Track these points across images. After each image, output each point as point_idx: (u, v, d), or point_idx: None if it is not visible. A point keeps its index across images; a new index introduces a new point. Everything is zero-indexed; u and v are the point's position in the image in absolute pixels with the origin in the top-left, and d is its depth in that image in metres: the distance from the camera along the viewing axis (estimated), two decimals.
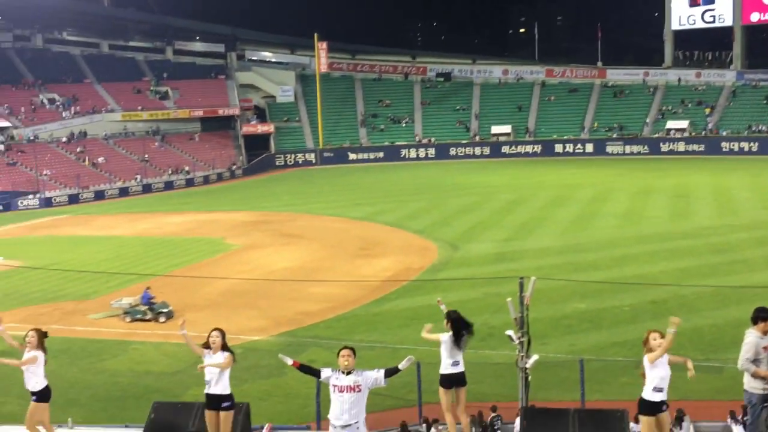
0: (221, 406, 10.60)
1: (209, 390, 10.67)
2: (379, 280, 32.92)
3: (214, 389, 10.62)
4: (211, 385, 10.62)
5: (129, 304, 29.00)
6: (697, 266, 33.02)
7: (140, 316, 28.56)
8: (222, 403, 10.60)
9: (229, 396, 10.67)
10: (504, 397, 18.13)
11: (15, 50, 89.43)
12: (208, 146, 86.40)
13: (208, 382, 10.65)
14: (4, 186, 66.58)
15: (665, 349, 9.86)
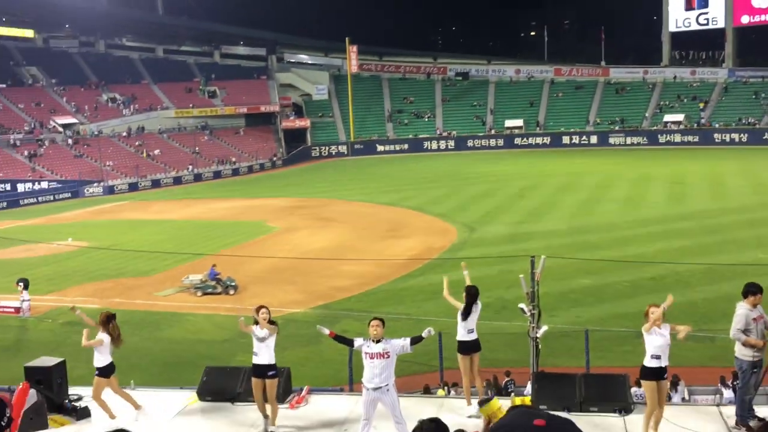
0: (267, 374, 10.70)
1: (256, 360, 10.77)
2: (405, 258, 32.96)
3: (260, 360, 10.72)
4: (258, 356, 10.73)
5: (200, 280, 29.18)
6: (692, 246, 32.73)
7: (210, 290, 28.86)
8: (267, 372, 10.70)
9: (273, 366, 10.77)
10: (517, 363, 18.10)
11: (81, 55, 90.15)
12: (251, 139, 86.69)
13: (255, 354, 10.75)
14: (72, 175, 67.25)
15: (653, 321, 9.78)
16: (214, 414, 11.55)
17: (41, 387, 11.06)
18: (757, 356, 10.29)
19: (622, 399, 10.95)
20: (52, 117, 76.73)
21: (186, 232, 42.99)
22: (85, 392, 12.32)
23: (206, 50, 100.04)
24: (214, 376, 12.26)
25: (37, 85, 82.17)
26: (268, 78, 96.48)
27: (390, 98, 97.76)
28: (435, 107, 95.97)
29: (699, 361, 19.44)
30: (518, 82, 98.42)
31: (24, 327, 26.21)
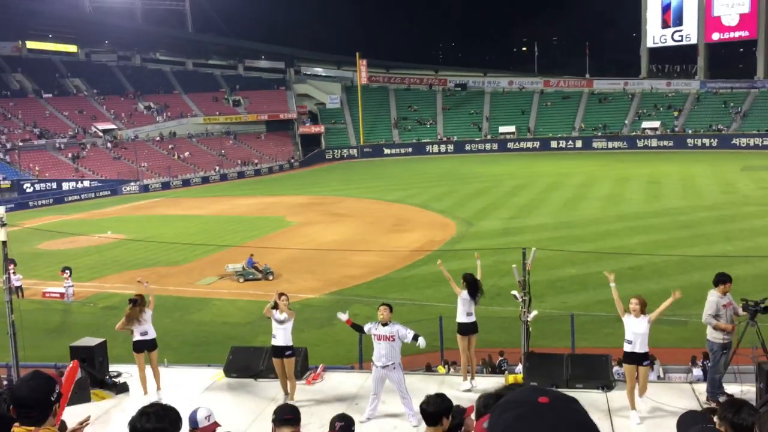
0: (284, 354, 10.74)
1: (275, 342, 10.80)
2: (409, 250, 32.91)
3: (279, 342, 10.76)
4: (277, 338, 10.77)
5: (243, 267, 29.30)
6: (666, 239, 32.60)
7: (252, 277, 29.00)
8: (285, 352, 10.74)
9: (291, 347, 10.80)
10: (509, 344, 18.09)
11: (119, 68, 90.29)
12: (271, 143, 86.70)
13: (274, 336, 10.80)
14: (111, 175, 67.40)
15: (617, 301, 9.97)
16: (238, 389, 11.58)
17: (84, 364, 11.10)
18: (726, 339, 10.28)
19: (605, 377, 10.94)
20: (93, 123, 76.87)
21: (213, 226, 43.00)
22: (124, 369, 12.37)
23: (231, 64, 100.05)
24: (239, 355, 12.29)
25: (80, 94, 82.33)
26: (287, 89, 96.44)
27: (396, 107, 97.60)
28: (436, 115, 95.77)
29: (674, 342, 19.39)
30: (511, 93, 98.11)
31: (68, 310, 26.28)
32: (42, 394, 3.42)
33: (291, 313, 10.80)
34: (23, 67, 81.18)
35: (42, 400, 3.40)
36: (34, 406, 3.40)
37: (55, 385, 3.47)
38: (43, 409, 3.41)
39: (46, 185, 62.11)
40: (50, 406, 3.42)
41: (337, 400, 10.91)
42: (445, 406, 5.48)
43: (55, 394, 3.44)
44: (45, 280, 29.35)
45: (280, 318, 10.76)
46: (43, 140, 70.46)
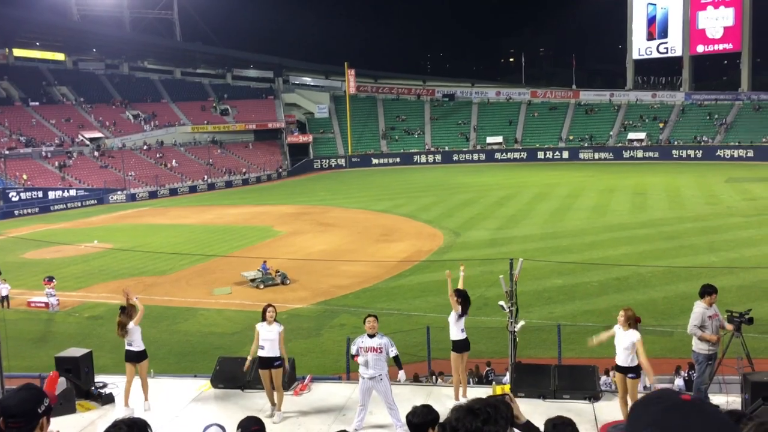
0: (273, 365, 10.69)
1: (263, 354, 10.73)
2: (397, 260, 32.92)
3: (266, 353, 10.70)
4: (265, 349, 10.70)
5: (261, 273, 29.39)
6: (652, 250, 32.77)
7: (271, 282, 29.10)
8: (274, 363, 10.69)
9: (279, 357, 10.74)
10: (496, 354, 18.12)
11: (106, 76, 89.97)
12: (259, 153, 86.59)
13: (262, 348, 10.71)
14: (98, 184, 67.00)
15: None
16: (226, 400, 11.51)
17: (70, 375, 11.00)
18: (712, 350, 10.33)
19: (592, 388, 10.97)
20: (80, 132, 76.47)
21: (201, 236, 42.82)
22: (110, 380, 12.27)
23: (219, 73, 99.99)
24: (226, 365, 12.21)
25: (67, 103, 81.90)
26: (275, 98, 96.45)
27: (384, 117, 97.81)
28: (424, 125, 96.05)
29: (659, 352, 19.44)
30: (498, 103, 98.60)
31: (53, 320, 26.04)
32: (30, 405, 3.49)
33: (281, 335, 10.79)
34: (9, 74, 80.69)
35: (29, 411, 3.48)
36: (20, 416, 3.44)
37: (44, 398, 3.55)
38: (29, 420, 3.46)
39: (32, 194, 61.61)
40: (37, 418, 3.48)
41: (325, 411, 10.87)
42: (431, 417, 5.47)
43: (43, 406, 3.50)
44: (30, 289, 29.09)
45: (269, 337, 10.72)
46: (30, 149, 69.97)
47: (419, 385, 14.26)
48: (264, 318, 10.79)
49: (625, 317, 9.87)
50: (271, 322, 10.71)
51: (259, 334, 10.70)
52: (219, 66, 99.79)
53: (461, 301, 11.30)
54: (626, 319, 9.85)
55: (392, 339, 10.44)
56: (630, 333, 9.82)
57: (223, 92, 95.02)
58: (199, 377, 13.20)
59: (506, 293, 12.29)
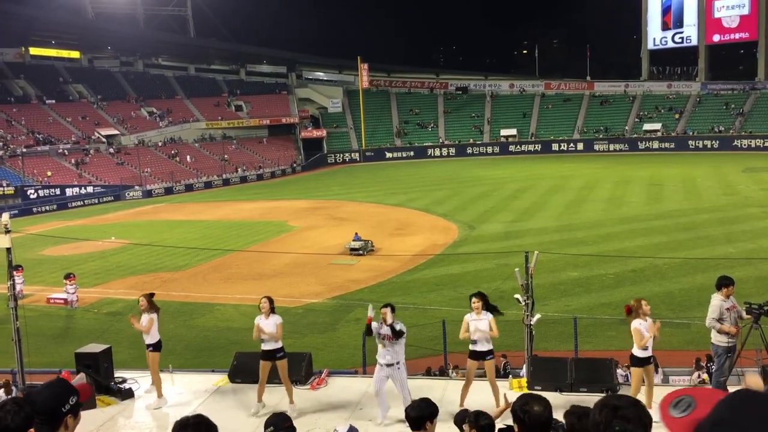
0: (276, 356, 10.68)
1: (265, 347, 10.71)
2: (411, 254, 32.90)
3: (268, 346, 10.68)
4: (266, 342, 10.69)
5: (361, 242, 33.33)
6: (668, 242, 32.56)
7: (361, 252, 32.87)
8: (276, 354, 10.68)
9: (281, 348, 10.74)
10: (512, 347, 18.05)
11: (122, 73, 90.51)
12: (273, 148, 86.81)
13: (263, 341, 10.70)
14: (115, 181, 67.49)
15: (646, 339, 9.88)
16: (243, 394, 11.57)
17: (90, 371, 11.11)
18: (731, 342, 10.26)
19: (609, 381, 10.92)
20: (96, 129, 77.02)
21: (216, 231, 43.01)
22: (129, 375, 12.38)
23: (233, 68, 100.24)
24: (243, 360, 12.28)
25: (83, 100, 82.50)
26: (288, 93, 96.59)
27: (397, 110, 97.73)
28: (437, 118, 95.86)
29: (676, 345, 19.34)
30: (512, 96, 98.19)
31: (72, 316, 26.29)
32: (54, 402, 3.44)
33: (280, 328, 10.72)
34: (26, 73, 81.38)
35: (53, 410, 3.42)
36: (43, 414, 3.41)
37: (70, 397, 3.48)
38: (52, 418, 3.42)
39: (49, 191, 62.18)
40: (61, 417, 3.44)
41: (342, 406, 10.90)
42: (428, 411, 5.49)
43: (68, 405, 3.45)
44: (49, 286, 29.36)
45: (267, 329, 10.68)
46: (47, 146, 70.58)
47: (438, 379, 14.25)
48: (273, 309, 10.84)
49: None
50: (268, 314, 10.70)
51: (259, 326, 10.68)
52: (232, 62, 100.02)
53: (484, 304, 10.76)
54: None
55: (408, 333, 10.42)
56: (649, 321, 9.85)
57: (237, 88, 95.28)
58: (216, 372, 13.28)
59: (522, 286, 12.25)
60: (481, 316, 10.47)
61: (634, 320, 9.80)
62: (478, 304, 10.42)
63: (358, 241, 33.81)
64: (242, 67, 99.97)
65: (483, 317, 10.48)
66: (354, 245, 33.55)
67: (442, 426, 8.95)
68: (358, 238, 34.11)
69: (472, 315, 10.50)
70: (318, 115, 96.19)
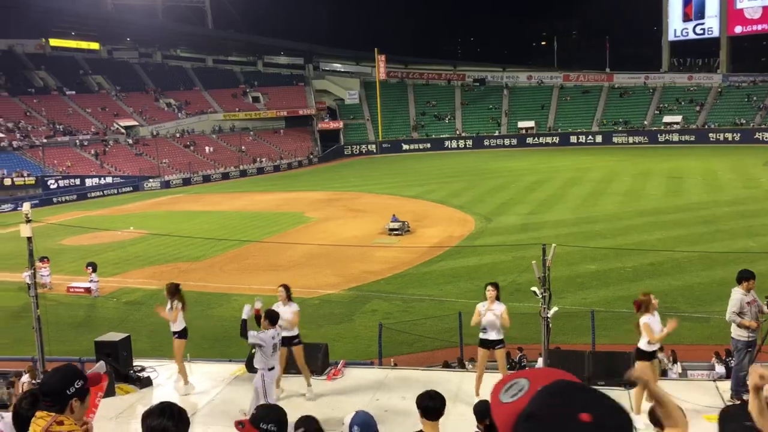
0: (292, 342, 10.84)
1: (282, 334, 10.87)
2: (428, 246, 32.87)
3: (285, 333, 10.83)
4: (283, 329, 10.84)
5: (400, 222, 35.64)
6: (688, 235, 32.26)
7: (400, 232, 35.19)
8: (293, 341, 10.84)
9: (297, 335, 10.91)
10: (528, 340, 17.98)
11: (140, 65, 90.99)
12: (290, 139, 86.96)
13: (279, 326, 10.86)
14: (134, 171, 67.97)
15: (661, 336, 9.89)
16: None
17: (109, 359, 11.22)
18: (751, 336, 10.17)
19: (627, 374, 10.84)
20: (115, 120, 77.58)
21: (234, 222, 43.20)
22: (147, 364, 12.49)
23: (251, 60, 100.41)
24: None
25: (102, 91, 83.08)
26: (305, 84, 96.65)
27: (414, 102, 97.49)
28: (455, 110, 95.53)
29: (695, 339, 19.20)
30: (530, 87, 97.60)
31: (92, 305, 26.57)
32: (59, 386, 3.59)
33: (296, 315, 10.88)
34: (46, 64, 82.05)
35: (58, 391, 3.58)
36: (49, 396, 3.58)
37: (75, 381, 3.61)
38: (57, 400, 3.57)
39: (69, 181, 62.78)
40: (65, 399, 3.55)
41: (358, 396, 10.93)
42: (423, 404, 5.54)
43: (73, 388, 3.57)
44: (69, 275, 29.68)
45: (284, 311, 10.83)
46: (67, 137, 71.21)
47: (454, 371, 14.25)
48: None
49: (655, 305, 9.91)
50: (285, 301, 10.84)
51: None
52: (250, 53, 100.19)
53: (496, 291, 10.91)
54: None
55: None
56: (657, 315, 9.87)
57: (255, 79, 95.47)
58: (233, 362, 13.37)
59: (539, 279, 12.18)
60: (494, 306, 10.59)
61: (644, 315, 9.79)
62: (493, 294, 10.58)
63: (397, 222, 35.82)
64: (260, 59, 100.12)
65: (495, 307, 10.60)
66: (393, 226, 35.73)
67: (460, 418, 8.94)
68: (396, 219, 36.08)
69: (485, 304, 10.63)
70: (335, 107, 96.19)
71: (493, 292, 10.65)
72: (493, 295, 10.60)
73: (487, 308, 10.53)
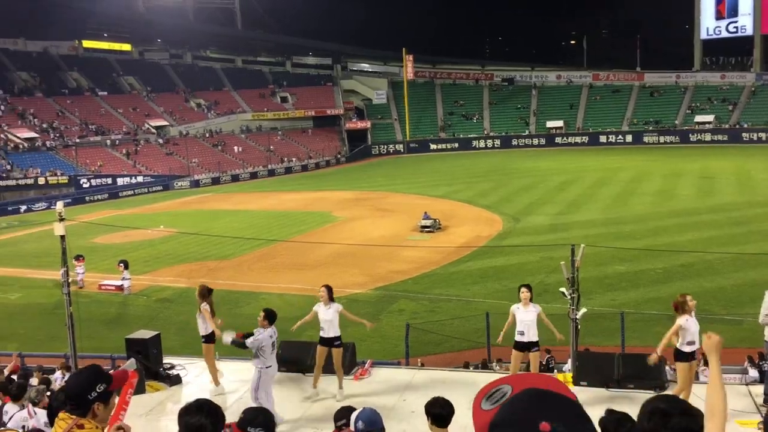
0: (333, 344, 10.85)
1: (324, 334, 10.90)
2: (455, 246, 32.76)
3: (326, 334, 10.86)
4: (325, 330, 10.87)
5: (430, 221, 35.92)
6: (720, 236, 31.71)
7: (432, 230, 35.59)
8: (334, 342, 10.85)
9: (339, 337, 10.90)
10: (556, 342, 17.82)
11: (171, 65, 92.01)
12: (318, 139, 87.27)
13: (322, 329, 10.88)
14: (164, 171, 68.74)
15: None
16: (288, 383, 11.71)
17: (140, 356, 11.36)
18: None
19: (658, 377, 10.71)
20: (146, 120, 78.56)
21: (262, 221, 43.47)
22: (177, 361, 12.62)
23: (279, 60, 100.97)
24: (289, 349, 12.41)
25: (134, 92, 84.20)
26: (333, 84, 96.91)
27: (442, 102, 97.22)
28: (482, 110, 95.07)
29: (727, 342, 18.73)
30: (559, 87, 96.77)
31: (123, 302, 26.93)
32: (80, 389, 3.50)
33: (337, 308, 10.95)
34: (80, 65, 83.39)
35: (79, 396, 3.48)
36: (71, 399, 3.51)
37: (98, 384, 3.48)
38: (79, 403, 3.47)
39: (101, 181, 63.73)
40: (88, 403, 3.46)
41: (385, 396, 10.93)
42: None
43: (95, 393, 3.45)
44: (101, 273, 30.11)
45: (326, 317, 10.87)
46: (99, 137, 72.29)
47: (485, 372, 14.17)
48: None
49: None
50: (327, 302, 10.84)
51: (317, 314, 10.87)
52: (279, 54, 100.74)
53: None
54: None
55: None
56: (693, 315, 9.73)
57: (283, 80, 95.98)
58: None
59: (567, 280, 12.08)
60: (529, 308, 10.56)
61: (681, 317, 9.66)
62: (527, 295, 10.56)
63: (428, 220, 36.13)
64: (288, 59, 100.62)
65: (531, 309, 10.58)
66: (425, 223, 36.06)
67: None
68: (427, 216, 36.46)
69: (520, 306, 10.60)
70: (362, 107, 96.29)
71: (528, 293, 10.65)
72: (527, 296, 10.58)
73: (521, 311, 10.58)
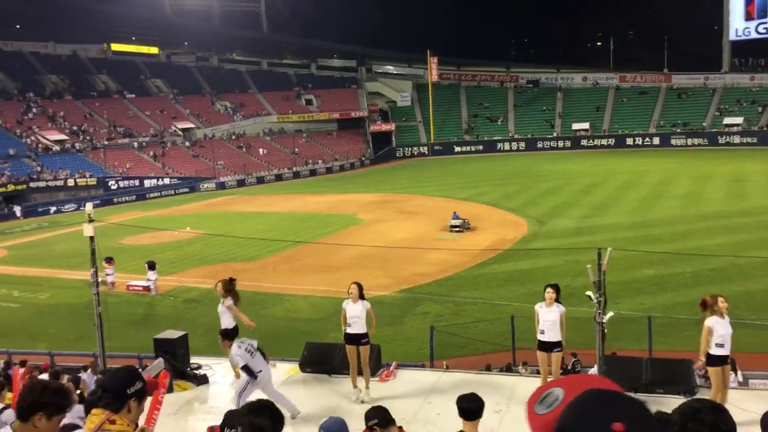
0: (360, 341, 10.87)
1: (350, 330, 10.90)
2: (480, 248, 32.63)
3: (354, 330, 10.88)
4: (352, 327, 10.88)
5: (459, 220, 36.39)
6: (750, 240, 31.25)
7: (461, 229, 36.06)
8: (361, 340, 10.87)
9: (366, 334, 10.91)
10: (582, 345, 17.64)
11: (197, 68, 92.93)
12: (343, 141, 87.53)
13: (349, 325, 10.89)
14: (190, 173, 69.40)
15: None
16: (313, 384, 11.75)
17: (167, 356, 11.48)
18: None
19: (687, 382, 10.58)
20: (173, 122, 79.41)
21: (286, 223, 43.65)
22: (204, 361, 12.73)
23: (304, 63, 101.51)
24: (314, 350, 12.46)
25: (161, 95, 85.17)
26: (358, 87, 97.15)
27: (467, 104, 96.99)
28: (507, 112, 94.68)
29: (757, 347, 18.58)
30: (585, 89, 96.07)
31: (151, 303, 27.22)
32: (121, 384, 3.70)
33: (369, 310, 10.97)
34: (108, 68, 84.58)
35: (119, 390, 3.67)
36: (110, 392, 3.68)
37: (135, 381, 3.71)
38: (117, 398, 3.66)
39: (129, 182, 64.52)
40: (125, 399, 3.65)
41: (411, 398, 10.92)
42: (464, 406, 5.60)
43: (134, 389, 3.65)
44: (129, 273, 30.47)
45: (353, 313, 10.90)
46: (127, 139, 73.21)
47: (509, 375, 14.11)
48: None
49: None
50: (356, 299, 10.86)
51: (345, 311, 10.90)
52: (304, 56, 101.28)
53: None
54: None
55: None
56: (726, 317, 9.57)
57: (308, 82, 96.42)
58: (286, 361, 13.51)
59: (594, 284, 11.97)
60: (552, 308, 10.57)
61: (709, 317, 9.53)
62: (552, 295, 10.55)
63: (458, 219, 36.53)
64: (313, 62, 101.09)
65: (554, 309, 10.58)
66: (454, 223, 36.48)
67: (512, 425, 8.87)
68: (456, 216, 36.87)
69: (543, 305, 10.62)
70: (387, 109, 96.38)
71: (553, 293, 10.63)
72: (552, 296, 10.57)
73: (544, 311, 10.55)
